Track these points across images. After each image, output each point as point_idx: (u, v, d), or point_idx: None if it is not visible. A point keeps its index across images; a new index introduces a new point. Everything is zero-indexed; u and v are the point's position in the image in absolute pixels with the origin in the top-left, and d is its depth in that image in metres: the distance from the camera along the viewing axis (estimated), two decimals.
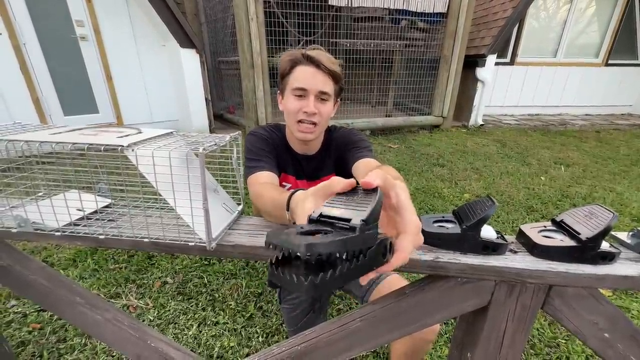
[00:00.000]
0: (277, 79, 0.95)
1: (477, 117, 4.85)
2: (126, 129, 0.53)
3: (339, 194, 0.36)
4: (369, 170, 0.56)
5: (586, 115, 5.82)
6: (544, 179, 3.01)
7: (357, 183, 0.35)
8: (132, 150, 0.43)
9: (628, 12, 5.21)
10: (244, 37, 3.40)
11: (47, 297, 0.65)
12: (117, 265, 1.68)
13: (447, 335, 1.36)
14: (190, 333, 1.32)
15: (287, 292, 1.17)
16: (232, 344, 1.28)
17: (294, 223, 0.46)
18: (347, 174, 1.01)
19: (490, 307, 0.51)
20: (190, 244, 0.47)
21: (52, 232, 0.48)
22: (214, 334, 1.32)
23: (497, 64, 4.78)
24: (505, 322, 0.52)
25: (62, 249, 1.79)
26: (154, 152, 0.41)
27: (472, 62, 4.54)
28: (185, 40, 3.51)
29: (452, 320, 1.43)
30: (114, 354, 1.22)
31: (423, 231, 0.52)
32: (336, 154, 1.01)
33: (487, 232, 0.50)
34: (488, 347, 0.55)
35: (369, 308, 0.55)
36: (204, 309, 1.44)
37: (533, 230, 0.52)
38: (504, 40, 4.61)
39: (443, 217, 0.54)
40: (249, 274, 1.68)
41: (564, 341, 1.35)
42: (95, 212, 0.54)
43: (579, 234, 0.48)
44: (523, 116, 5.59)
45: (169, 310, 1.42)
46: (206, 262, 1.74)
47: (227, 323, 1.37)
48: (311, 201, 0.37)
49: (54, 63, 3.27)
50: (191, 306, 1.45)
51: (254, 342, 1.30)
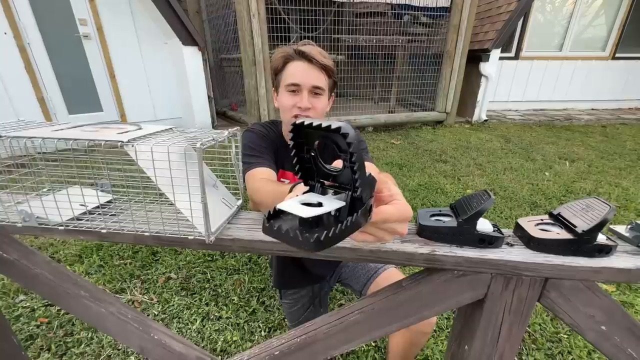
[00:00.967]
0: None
1: (480, 113, 4.81)
2: (127, 126, 0.53)
3: None
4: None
5: (592, 109, 5.75)
6: (549, 174, 2.99)
7: None
8: (132, 145, 0.44)
9: (636, 4, 5.11)
10: (246, 34, 3.40)
11: (52, 291, 0.67)
12: (122, 261, 1.70)
13: (448, 330, 1.37)
14: (194, 327, 1.34)
15: (287, 288, 1.19)
16: (235, 338, 1.30)
17: None
18: None
19: (486, 300, 0.52)
20: (189, 237, 0.48)
21: (55, 227, 0.49)
22: (217, 328, 1.34)
23: (501, 58, 4.73)
24: (501, 315, 0.52)
25: (68, 245, 1.82)
26: (152, 148, 0.42)
27: (476, 57, 4.50)
28: (188, 37, 3.52)
29: (453, 314, 1.44)
30: (120, 347, 1.25)
31: (420, 225, 0.52)
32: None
33: (484, 225, 0.50)
34: (485, 340, 0.55)
35: (366, 301, 0.56)
36: (207, 304, 1.46)
37: (530, 224, 0.52)
38: (509, 35, 4.55)
39: (440, 211, 0.55)
40: (251, 269, 1.70)
41: (565, 336, 1.35)
42: (98, 207, 0.55)
43: (576, 227, 0.48)
44: (528, 111, 5.53)
45: (173, 305, 1.45)
46: (209, 258, 1.76)
47: (230, 318, 1.39)
48: None
49: (58, 62, 3.30)
50: (195, 301, 1.48)
51: (256, 337, 1.32)
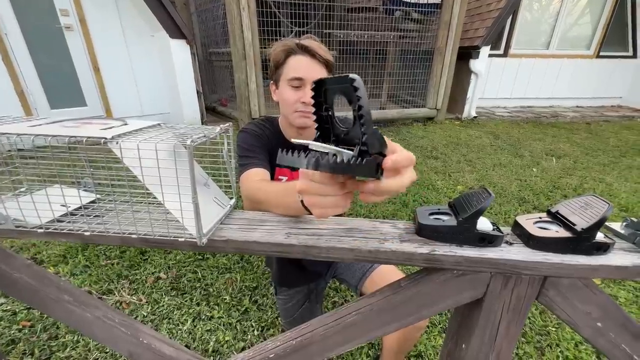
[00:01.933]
0: (269, 70, 0.94)
1: (470, 110, 4.86)
2: (111, 121, 0.50)
3: None
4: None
5: (577, 107, 5.89)
6: (536, 170, 3.05)
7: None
8: (117, 142, 0.41)
9: (620, 3, 5.24)
10: (236, 27, 3.33)
11: (33, 296, 0.64)
12: (109, 261, 1.65)
13: (441, 326, 1.38)
14: (185, 328, 1.31)
15: (282, 284, 1.17)
16: (227, 338, 1.28)
17: (306, 208, 0.49)
18: None
19: (485, 299, 0.51)
20: (180, 239, 0.45)
21: (34, 229, 0.46)
22: (208, 328, 1.32)
23: (490, 55, 4.78)
24: (500, 313, 0.52)
25: (51, 245, 1.75)
26: (139, 145, 0.39)
27: (465, 54, 4.53)
28: (175, 30, 3.43)
29: (446, 310, 1.45)
30: (107, 350, 1.21)
31: (419, 223, 0.51)
32: None
33: (483, 224, 0.49)
34: (483, 338, 0.55)
35: (364, 301, 0.55)
36: (198, 304, 1.43)
37: (529, 222, 0.52)
38: (498, 32, 4.60)
39: (439, 209, 0.54)
40: (243, 268, 1.67)
41: (554, 329, 1.38)
42: (80, 207, 0.52)
43: (575, 225, 0.48)
44: (516, 108, 5.62)
45: (163, 306, 1.41)
46: (200, 257, 1.72)
47: (222, 317, 1.37)
48: None
49: (38, 54, 3.16)
50: (185, 301, 1.44)
51: (249, 336, 1.30)
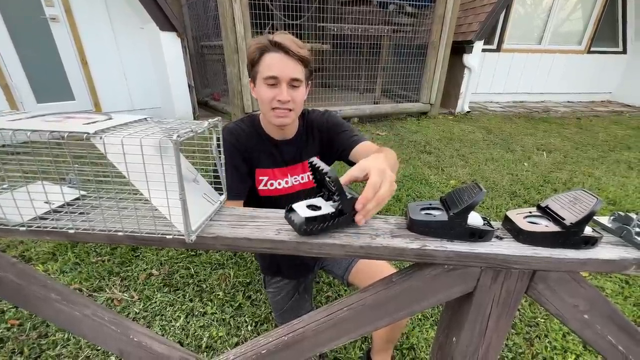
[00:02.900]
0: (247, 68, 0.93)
1: (463, 104, 4.89)
2: (95, 115, 0.49)
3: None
4: (370, 154, 0.78)
5: (568, 102, 5.96)
6: (527, 165, 3.09)
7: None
8: (100, 137, 0.40)
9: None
10: (227, 20, 3.27)
11: (19, 295, 0.62)
12: (99, 258, 1.63)
13: (434, 318, 1.40)
14: (178, 324, 1.31)
15: (270, 276, 1.18)
16: (220, 334, 1.28)
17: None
18: (333, 156, 1.02)
19: (475, 293, 0.51)
20: (168, 237, 0.44)
21: (16, 227, 0.45)
22: (202, 324, 1.31)
23: (483, 50, 4.79)
24: (490, 307, 0.53)
25: (40, 242, 1.72)
26: (123, 140, 0.38)
27: (459, 49, 4.54)
28: (165, 22, 3.35)
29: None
30: (99, 347, 1.20)
31: (411, 219, 0.51)
32: (320, 136, 1.02)
33: (474, 218, 0.49)
34: (473, 332, 0.55)
35: (356, 297, 0.55)
36: (191, 300, 1.43)
37: (519, 216, 0.52)
38: (491, 27, 4.61)
39: (430, 204, 0.54)
40: (236, 263, 1.67)
41: (542, 320, 1.41)
42: (65, 205, 0.50)
43: (564, 219, 0.48)
44: (508, 103, 5.67)
45: (155, 303, 1.40)
46: (193, 253, 1.71)
47: (215, 313, 1.37)
48: None
49: (22, 46, 3.07)
50: (178, 297, 1.44)
51: (243, 331, 1.30)
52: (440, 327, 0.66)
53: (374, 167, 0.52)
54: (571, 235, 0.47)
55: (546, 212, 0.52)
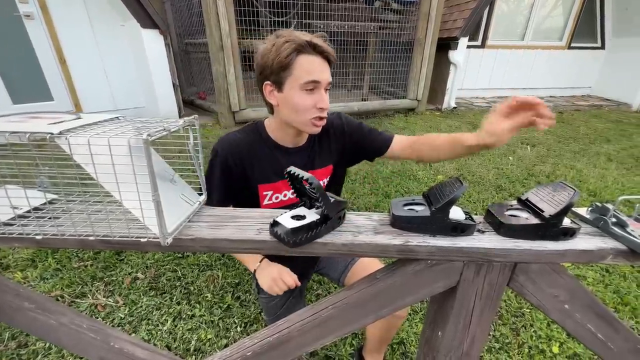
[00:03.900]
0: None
1: (450, 100, 4.94)
2: (63, 115, 0.46)
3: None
4: (410, 143, 0.94)
5: (551, 96, 6.10)
6: (512, 158, 3.15)
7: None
8: (65, 138, 0.38)
9: None
10: (212, 16, 3.21)
11: None
12: (82, 263, 1.58)
13: (422, 313, 1.41)
14: (165, 328, 1.28)
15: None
16: (209, 336, 1.26)
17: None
18: (360, 157, 0.99)
19: (458, 287, 0.52)
20: (142, 240, 0.43)
21: None
22: (190, 327, 1.29)
23: (469, 47, 4.85)
24: (473, 301, 0.53)
25: (18, 249, 1.66)
26: (90, 140, 0.36)
27: (445, 45, 4.58)
28: (147, 19, 3.27)
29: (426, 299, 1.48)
30: (82, 357, 1.16)
31: (393, 215, 0.51)
32: (342, 140, 0.95)
33: (456, 213, 0.49)
34: (457, 325, 0.56)
35: (341, 295, 0.54)
36: (178, 303, 1.40)
37: (500, 210, 0.52)
38: (476, 23, 4.67)
39: (413, 200, 0.54)
40: (225, 264, 1.65)
41: (528, 310, 1.44)
42: (32, 210, 0.48)
43: (543, 211, 0.48)
44: (493, 98, 5.76)
45: (141, 307, 1.37)
46: (180, 255, 1.68)
47: (204, 315, 1.35)
48: None
49: None
50: (165, 301, 1.41)
51: (232, 333, 1.28)
52: (426, 321, 0.67)
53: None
54: (550, 227, 0.48)
55: (526, 205, 0.53)
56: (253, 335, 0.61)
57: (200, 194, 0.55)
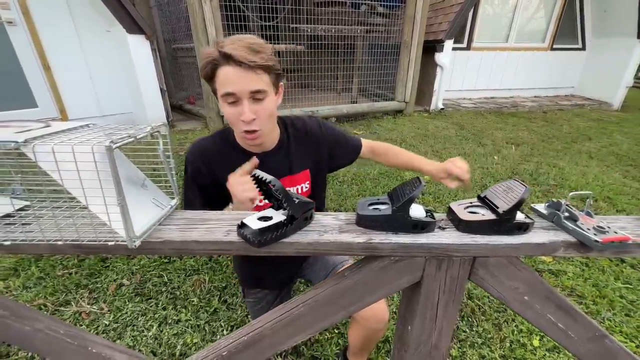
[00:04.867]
0: None
1: (437, 102, 5.03)
2: (32, 123, 0.47)
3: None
4: (370, 147, 1.06)
5: (535, 97, 6.25)
6: (497, 158, 3.22)
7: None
8: (31, 146, 0.39)
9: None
10: (198, 22, 3.21)
11: None
12: (66, 271, 1.57)
13: None
14: (150, 334, 1.28)
15: (249, 286, 1.17)
16: (195, 340, 1.26)
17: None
18: (332, 166, 1.02)
19: (422, 282, 0.54)
20: (110, 243, 0.44)
21: None
22: (175, 332, 1.29)
23: (454, 49, 4.94)
24: (437, 295, 0.55)
25: (0, 258, 1.63)
26: (54, 147, 0.37)
27: (431, 48, 4.66)
28: (132, 25, 3.25)
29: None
30: None
31: (358, 214, 0.53)
32: (318, 147, 0.95)
33: (417, 211, 0.52)
34: (425, 319, 0.58)
35: (310, 293, 0.56)
36: (164, 308, 1.40)
37: (460, 207, 0.55)
38: (460, 26, 4.77)
39: (378, 199, 0.56)
40: (212, 268, 1.65)
41: None
42: (5, 216, 0.49)
43: (498, 207, 0.51)
44: (480, 99, 5.88)
45: (127, 313, 1.36)
46: (166, 260, 1.68)
47: (190, 320, 1.35)
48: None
49: None
50: (151, 306, 1.40)
51: (218, 336, 1.29)
52: (399, 317, 0.69)
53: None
54: (504, 222, 0.51)
55: (484, 202, 0.55)
56: (229, 335, 0.62)
57: (173, 198, 0.56)
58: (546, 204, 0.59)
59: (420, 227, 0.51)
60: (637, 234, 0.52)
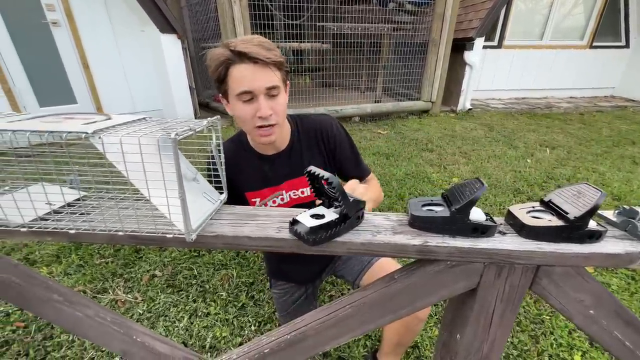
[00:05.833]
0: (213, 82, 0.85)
1: (465, 102, 4.86)
2: (94, 116, 0.49)
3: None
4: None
5: (571, 97, 5.91)
6: (530, 161, 3.07)
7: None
8: (99, 137, 0.40)
9: None
10: (227, 21, 3.27)
11: (21, 296, 0.62)
12: (103, 260, 1.64)
13: (437, 317, 1.39)
14: (181, 325, 1.31)
15: (277, 277, 1.17)
16: (224, 334, 1.28)
17: None
18: (335, 167, 0.98)
19: (479, 289, 0.51)
20: (168, 236, 0.44)
21: (17, 229, 0.45)
22: (205, 325, 1.32)
23: (485, 47, 4.76)
24: (493, 303, 0.52)
25: (44, 245, 1.73)
26: (122, 139, 0.38)
27: (460, 46, 4.51)
28: (166, 25, 3.36)
29: (442, 302, 1.46)
30: (103, 349, 1.20)
31: (412, 215, 0.51)
32: (325, 146, 0.94)
33: (476, 214, 0.49)
34: (477, 328, 0.55)
35: (358, 294, 0.54)
36: (194, 301, 1.43)
37: (521, 211, 0.51)
38: (492, 23, 4.58)
39: (432, 200, 0.53)
40: (239, 264, 1.67)
41: (548, 317, 1.40)
42: (66, 206, 0.51)
43: (567, 213, 0.47)
44: (510, 100, 5.63)
45: (159, 304, 1.40)
46: (195, 254, 1.72)
47: (219, 313, 1.37)
48: None
49: (24, 51, 3.09)
50: (181, 298, 1.44)
51: (246, 331, 1.30)
52: (443, 324, 0.66)
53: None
54: (575, 229, 0.47)
55: (549, 207, 0.51)
56: (270, 333, 0.62)
57: (221, 193, 0.56)
58: (616, 211, 0.54)
59: (480, 231, 0.48)
60: None
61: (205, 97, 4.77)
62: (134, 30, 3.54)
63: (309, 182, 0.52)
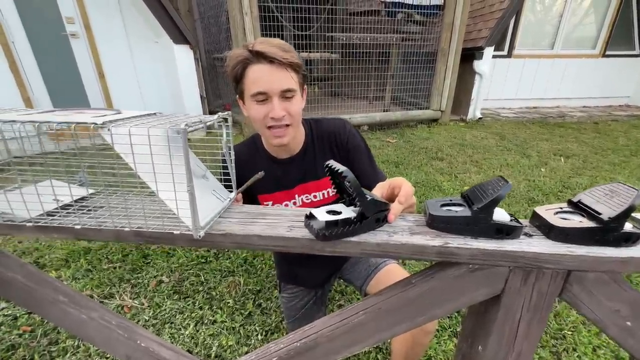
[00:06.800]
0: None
1: (475, 111, 4.81)
2: (104, 110, 0.48)
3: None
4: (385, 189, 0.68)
5: (584, 107, 5.80)
6: (544, 170, 2.99)
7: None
8: (108, 129, 0.39)
9: (625, 2, 5.18)
10: (238, 31, 3.34)
11: (28, 296, 0.61)
12: (111, 265, 1.63)
13: (452, 329, 1.33)
14: (187, 332, 1.28)
15: (286, 280, 1.14)
16: (230, 343, 1.24)
17: None
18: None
19: (503, 296, 0.47)
20: (175, 232, 0.42)
21: (23, 223, 0.44)
22: (211, 332, 1.28)
23: (494, 56, 4.74)
24: (520, 311, 0.48)
25: (54, 249, 1.74)
26: (131, 130, 0.37)
27: (469, 55, 4.50)
28: (179, 36, 3.45)
29: (456, 313, 1.40)
30: (108, 355, 1.18)
31: (430, 215, 0.48)
32: (337, 150, 0.92)
33: (500, 214, 0.46)
34: (502, 339, 0.51)
35: (372, 300, 0.51)
36: (201, 308, 1.40)
37: (549, 212, 0.48)
38: (501, 33, 4.57)
39: (451, 200, 0.51)
40: (247, 271, 1.64)
41: (570, 332, 1.32)
42: (73, 202, 0.50)
43: (600, 214, 0.44)
44: (521, 109, 5.56)
45: (165, 310, 1.38)
46: (203, 260, 1.70)
47: (225, 321, 1.34)
48: None
49: (44, 61, 3.20)
50: (188, 305, 1.41)
51: (252, 340, 1.26)
52: (463, 334, 0.62)
53: (404, 182, 0.57)
54: (610, 231, 0.43)
55: (578, 208, 0.48)
56: (279, 340, 0.59)
57: (231, 191, 0.55)
58: None
59: (505, 232, 0.45)
60: None
61: (215, 106, 4.85)
62: (148, 41, 3.64)
63: (329, 178, 0.50)
